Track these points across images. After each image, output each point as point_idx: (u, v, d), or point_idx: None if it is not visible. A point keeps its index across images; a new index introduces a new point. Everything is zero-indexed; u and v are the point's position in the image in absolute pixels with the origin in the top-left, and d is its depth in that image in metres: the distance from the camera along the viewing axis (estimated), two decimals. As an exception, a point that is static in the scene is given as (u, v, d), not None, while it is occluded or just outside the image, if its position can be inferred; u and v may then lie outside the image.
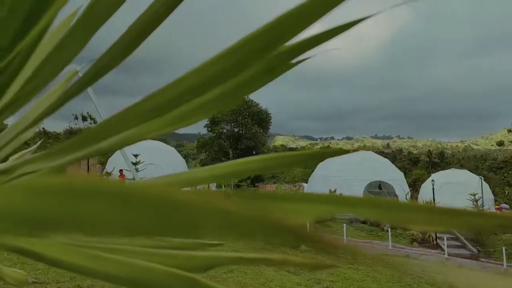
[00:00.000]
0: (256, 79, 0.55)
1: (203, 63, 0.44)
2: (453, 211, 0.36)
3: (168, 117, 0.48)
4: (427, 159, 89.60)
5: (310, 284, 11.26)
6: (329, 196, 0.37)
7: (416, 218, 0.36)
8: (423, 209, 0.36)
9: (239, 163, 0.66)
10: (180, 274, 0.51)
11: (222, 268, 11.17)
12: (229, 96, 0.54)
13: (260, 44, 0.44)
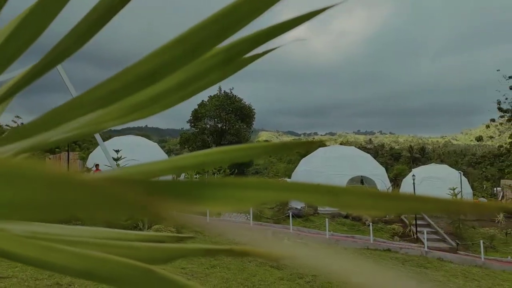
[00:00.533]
0: (215, 70, 0.54)
1: (154, 50, 0.43)
2: (393, 195, 0.37)
3: (120, 107, 0.47)
4: (409, 154, 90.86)
5: (293, 278, 11.33)
6: (273, 182, 0.37)
7: (358, 202, 0.37)
8: (364, 194, 0.37)
9: (203, 154, 0.65)
10: (137, 265, 0.50)
11: (205, 264, 11.16)
12: (186, 86, 0.52)
13: (214, 30, 0.43)
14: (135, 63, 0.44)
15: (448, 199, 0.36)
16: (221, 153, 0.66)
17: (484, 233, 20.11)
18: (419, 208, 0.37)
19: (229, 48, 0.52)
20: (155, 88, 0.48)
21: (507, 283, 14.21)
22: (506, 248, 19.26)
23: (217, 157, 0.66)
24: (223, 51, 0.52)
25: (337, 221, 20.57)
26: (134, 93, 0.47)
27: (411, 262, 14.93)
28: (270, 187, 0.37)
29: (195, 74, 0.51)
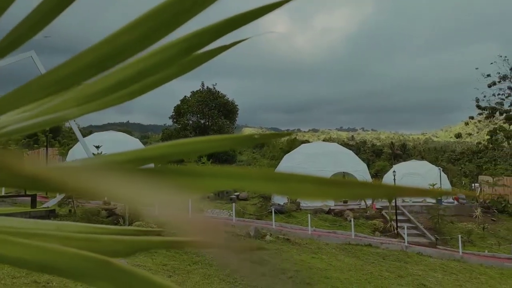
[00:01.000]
0: (175, 60, 0.53)
1: (105, 37, 0.41)
2: (340, 182, 0.37)
3: (76, 97, 0.46)
4: (390, 151, 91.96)
5: (275, 274, 11.40)
6: (224, 170, 0.37)
7: (308, 189, 0.37)
8: (313, 181, 0.37)
9: (166, 146, 0.64)
10: (94, 257, 0.49)
11: (187, 260, 11.13)
12: (145, 77, 0.51)
13: (167, 17, 0.42)
14: (85, 50, 0.43)
15: (390, 185, 0.37)
16: (184, 145, 0.65)
17: (462, 228, 20.53)
18: (364, 194, 0.37)
19: (189, 38, 0.51)
20: (112, 78, 0.47)
21: (484, 276, 14.56)
22: (483, 242, 19.71)
23: (180, 149, 0.65)
24: (183, 41, 0.51)
25: (319, 217, 20.73)
26: (84, 80, 0.46)
27: (392, 257, 15.16)
28: (221, 175, 0.37)
29: (154, 64, 0.50)
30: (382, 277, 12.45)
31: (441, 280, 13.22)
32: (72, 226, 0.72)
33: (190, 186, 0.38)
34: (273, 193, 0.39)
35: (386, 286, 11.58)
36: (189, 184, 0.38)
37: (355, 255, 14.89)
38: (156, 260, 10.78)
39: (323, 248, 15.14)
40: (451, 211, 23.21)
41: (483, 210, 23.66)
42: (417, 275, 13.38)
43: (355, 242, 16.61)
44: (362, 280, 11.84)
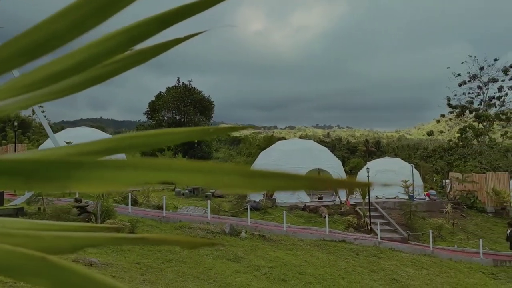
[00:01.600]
0: (119, 51, 0.51)
1: (36, 24, 0.39)
2: (267, 174, 0.36)
3: (11, 87, 0.43)
4: (365, 148, 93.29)
5: (249, 271, 11.41)
6: (151, 162, 0.35)
7: (235, 181, 0.36)
8: (241, 173, 0.36)
9: (116, 139, 0.62)
10: (29, 254, 0.46)
11: (160, 258, 11.01)
12: (87, 68, 0.49)
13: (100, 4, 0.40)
14: (14, 37, 0.40)
15: (313, 177, 0.38)
16: (136, 138, 0.62)
17: (433, 224, 21.05)
18: (289, 186, 0.37)
19: (131, 29, 0.49)
20: (49, 68, 0.45)
21: (453, 270, 14.98)
22: (452, 237, 20.27)
23: (131, 142, 0.62)
24: (125, 31, 0.49)
25: (295, 214, 20.87)
26: (14, 68, 0.43)
27: (365, 253, 15.42)
28: (147, 167, 0.35)
29: (96, 54, 0.48)
30: (355, 273, 12.64)
31: (412, 275, 13.54)
32: (16, 223, 0.69)
33: (111, 179, 0.36)
34: (200, 185, 0.38)
35: (359, 281, 11.76)
36: (110, 177, 0.36)
37: (329, 251, 15.07)
38: (129, 258, 10.63)
39: (298, 245, 15.26)
40: (423, 207, 23.76)
41: (453, 206, 24.32)
42: (389, 270, 13.66)
43: (330, 238, 16.81)
44: (336, 275, 11.99)
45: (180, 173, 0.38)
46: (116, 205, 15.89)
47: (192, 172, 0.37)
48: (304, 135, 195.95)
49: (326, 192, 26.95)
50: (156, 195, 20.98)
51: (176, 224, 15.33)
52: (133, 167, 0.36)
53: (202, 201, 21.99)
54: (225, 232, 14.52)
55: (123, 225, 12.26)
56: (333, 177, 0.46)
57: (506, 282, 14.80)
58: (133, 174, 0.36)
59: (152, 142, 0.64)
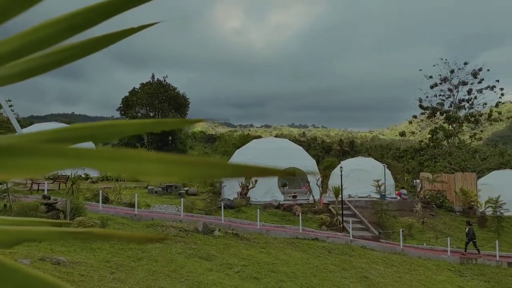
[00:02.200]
0: (59, 39, 0.47)
1: None
2: (187, 161, 0.36)
3: None
4: (339, 147, 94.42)
5: (222, 269, 11.34)
6: (63, 149, 0.33)
7: (153, 169, 0.36)
8: (159, 160, 0.36)
9: (51, 132, 0.57)
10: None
11: (131, 256, 10.82)
12: (23, 56, 0.45)
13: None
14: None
15: (237, 164, 0.38)
16: (83, 129, 0.58)
17: (403, 222, 21.49)
18: (212, 174, 0.36)
19: (71, 16, 0.46)
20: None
21: (421, 268, 15.32)
22: (422, 236, 20.75)
23: (78, 133, 0.58)
24: (64, 19, 0.46)
25: (269, 212, 20.92)
26: None
27: (337, 251, 15.58)
28: (63, 154, 0.34)
29: (33, 41, 0.44)
30: (327, 270, 12.76)
31: (382, 272, 13.77)
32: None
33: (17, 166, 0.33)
34: (115, 173, 0.36)
35: (330, 279, 11.87)
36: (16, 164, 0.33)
37: (302, 249, 15.16)
38: (98, 256, 10.39)
39: (271, 243, 15.28)
40: (394, 206, 24.23)
41: (423, 205, 24.91)
42: (360, 267, 13.85)
43: (303, 236, 16.92)
44: (308, 273, 12.07)
45: (94, 161, 0.35)
46: (86, 202, 15.54)
47: (108, 160, 0.35)
48: (280, 134, 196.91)
49: (300, 191, 27.13)
50: (128, 192, 20.63)
51: (148, 222, 15.11)
52: (42, 154, 0.35)
53: (175, 199, 21.77)
54: (198, 230, 14.40)
55: (93, 223, 11.99)
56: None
57: (471, 279, 15.24)
58: (49, 162, 0.35)
59: (100, 133, 0.60)
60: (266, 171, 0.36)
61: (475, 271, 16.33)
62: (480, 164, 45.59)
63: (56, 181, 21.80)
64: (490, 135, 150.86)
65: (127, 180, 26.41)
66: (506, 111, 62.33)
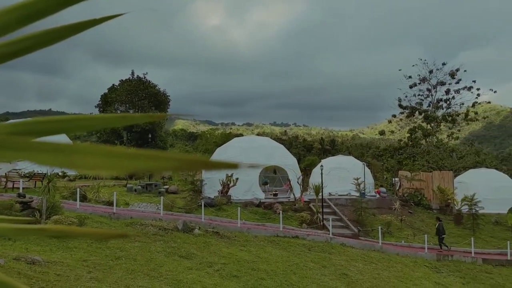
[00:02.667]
0: (14, 27, 0.44)
1: None
2: (134, 153, 0.36)
3: None
4: (320, 146, 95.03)
5: (202, 268, 11.27)
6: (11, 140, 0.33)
7: (97, 162, 0.36)
8: (104, 153, 0.36)
9: (27, 123, 0.54)
10: None
11: (109, 255, 10.65)
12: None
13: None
14: None
15: (181, 156, 0.37)
16: (47, 123, 0.55)
17: (382, 220, 21.77)
18: (154, 166, 0.36)
19: (26, 5, 0.43)
20: None
21: (399, 265, 15.55)
22: (400, 233, 21.08)
23: (42, 127, 0.55)
24: (19, 7, 0.43)
25: (250, 210, 20.91)
26: None
27: (317, 248, 15.68)
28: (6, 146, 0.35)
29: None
30: (307, 268, 12.82)
31: (361, 269, 13.92)
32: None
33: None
34: (56, 166, 0.35)
35: (310, 276, 11.93)
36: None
37: (282, 247, 15.20)
38: (75, 255, 10.20)
39: (251, 241, 15.28)
40: (373, 204, 24.54)
41: (402, 203, 25.29)
42: (339, 265, 13.97)
43: (283, 234, 16.96)
44: (288, 271, 12.10)
45: (35, 153, 0.35)
46: (63, 200, 15.23)
47: (49, 153, 0.35)
48: (261, 132, 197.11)
49: (281, 189, 27.22)
50: (106, 191, 20.32)
51: (127, 220, 14.92)
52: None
53: (155, 197, 21.56)
54: (178, 228, 14.28)
55: (70, 222, 11.76)
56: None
57: (448, 276, 15.55)
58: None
59: (65, 127, 0.57)
60: (211, 164, 0.34)
61: (451, 267, 16.67)
62: (457, 163, 46.55)
63: (32, 179, 21.32)
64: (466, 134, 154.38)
65: (106, 178, 25.98)
66: (482, 111, 63.83)
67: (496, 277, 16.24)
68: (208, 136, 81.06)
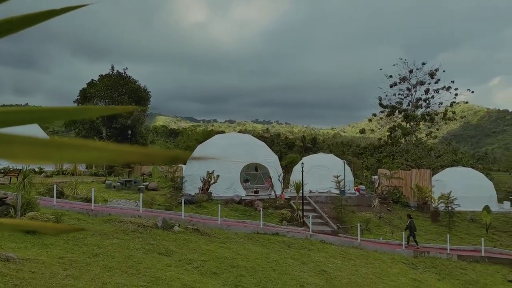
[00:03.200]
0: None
1: None
2: (63, 143, 0.36)
3: None
4: (301, 144, 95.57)
5: (181, 265, 11.20)
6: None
7: (28, 151, 0.35)
8: (30, 142, 0.35)
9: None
10: None
11: (86, 252, 10.49)
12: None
13: None
14: None
15: (116, 147, 0.36)
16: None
17: (361, 217, 22.03)
18: (90, 157, 0.35)
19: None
20: None
21: (377, 261, 15.76)
22: (379, 230, 21.36)
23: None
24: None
25: (230, 207, 20.88)
26: None
27: (297, 245, 15.76)
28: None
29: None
30: (286, 264, 12.88)
31: (340, 266, 14.06)
32: None
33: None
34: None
35: (289, 273, 11.99)
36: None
37: (262, 244, 15.23)
38: (51, 253, 10.01)
39: (231, 238, 15.26)
40: (353, 201, 24.81)
41: (381, 200, 25.63)
42: (319, 261, 14.08)
43: (263, 231, 17.00)
44: (267, 268, 12.13)
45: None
46: (39, 197, 14.93)
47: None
48: (243, 129, 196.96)
49: (262, 186, 27.24)
50: (85, 187, 20.00)
51: (106, 217, 14.72)
52: None
53: (134, 194, 21.32)
54: (158, 225, 14.16)
55: (46, 218, 11.53)
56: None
57: (424, 272, 15.85)
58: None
59: (23, 119, 0.55)
60: (149, 155, 0.33)
61: (427, 263, 16.99)
62: (434, 162, 47.41)
63: (7, 175, 20.83)
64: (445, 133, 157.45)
65: (85, 175, 25.59)
66: (460, 111, 65.00)
67: (470, 273, 16.64)
68: (190, 133, 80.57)
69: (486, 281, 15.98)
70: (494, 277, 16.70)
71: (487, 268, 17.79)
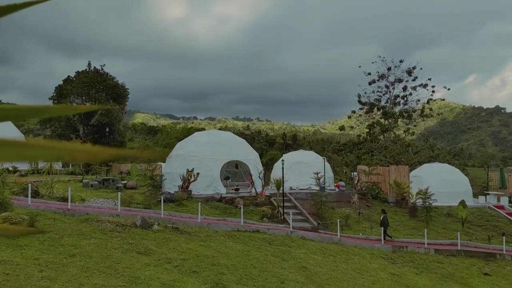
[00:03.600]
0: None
1: None
2: (17, 143, 0.35)
3: None
4: (282, 141, 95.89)
5: (160, 264, 11.07)
6: None
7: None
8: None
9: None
10: None
11: (63, 253, 10.26)
12: None
13: None
14: None
15: (65, 146, 0.36)
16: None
17: (341, 213, 22.23)
18: (34, 155, 0.35)
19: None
20: None
21: (357, 257, 15.92)
22: (358, 226, 21.59)
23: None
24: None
25: (211, 205, 20.76)
26: None
27: (277, 242, 15.78)
28: None
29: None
30: (267, 262, 12.88)
31: (320, 262, 14.14)
32: None
33: None
34: None
35: (270, 270, 11.99)
36: None
37: (243, 242, 15.19)
38: (26, 254, 9.75)
39: (212, 236, 15.17)
40: (333, 197, 25.01)
41: (360, 196, 25.92)
42: (299, 258, 14.13)
43: (244, 229, 16.96)
44: (248, 265, 12.11)
45: None
46: (13, 197, 14.53)
47: None
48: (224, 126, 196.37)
49: (243, 184, 27.19)
50: (61, 186, 19.57)
51: (83, 217, 14.43)
52: None
53: (112, 192, 20.98)
54: (136, 224, 13.96)
55: (20, 219, 11.22)
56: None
57: (402, 266, 16.10)
58: None
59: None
60: (96, 154, 0.33)
61: (405, 258, 17.26)
62: (412, 158, 48.18)
63: (-20, 175, 20.20)
64: (422, 130, 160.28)
65: (61, 173, 25.06)
66: (437, 108, 66.37)
67: (447, 266, 16.98)
68: (169, 131, 79.86)
69: (462, 274, 16.33)
70: (470, 270, 17.09)
71: (463, 261, 18.19)
